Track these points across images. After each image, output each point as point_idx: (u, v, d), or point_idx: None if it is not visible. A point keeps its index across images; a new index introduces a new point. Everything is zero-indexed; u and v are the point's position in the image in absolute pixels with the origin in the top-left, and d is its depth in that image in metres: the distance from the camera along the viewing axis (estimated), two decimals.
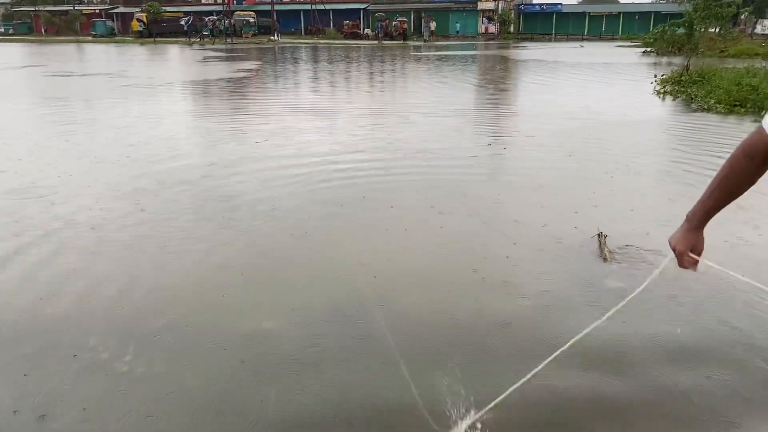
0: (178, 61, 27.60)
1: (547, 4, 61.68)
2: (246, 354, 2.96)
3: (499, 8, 55.94)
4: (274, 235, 4.56)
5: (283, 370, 2.83)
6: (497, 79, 18.71)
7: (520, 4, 61.68)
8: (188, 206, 5.26)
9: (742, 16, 33.96)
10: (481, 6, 58.01)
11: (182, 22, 48.82)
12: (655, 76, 15.65)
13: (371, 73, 21.07)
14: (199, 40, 45.19)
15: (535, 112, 10.82)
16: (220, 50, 34.63)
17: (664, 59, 26.84)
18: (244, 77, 18.07)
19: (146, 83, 16.20)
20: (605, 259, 4.08)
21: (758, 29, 44.13)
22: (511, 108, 11.95)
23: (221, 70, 20.74)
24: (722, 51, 26.25)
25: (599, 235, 4.40)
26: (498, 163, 6.98)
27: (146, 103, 12.37)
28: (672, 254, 1.84)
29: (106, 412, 2.54)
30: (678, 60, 26.12)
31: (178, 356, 2.96)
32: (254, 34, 50.71)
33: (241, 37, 48.56)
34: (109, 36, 53.53)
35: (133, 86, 15.42)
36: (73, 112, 11.19)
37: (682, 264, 1.83)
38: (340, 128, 9.27)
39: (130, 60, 27.93)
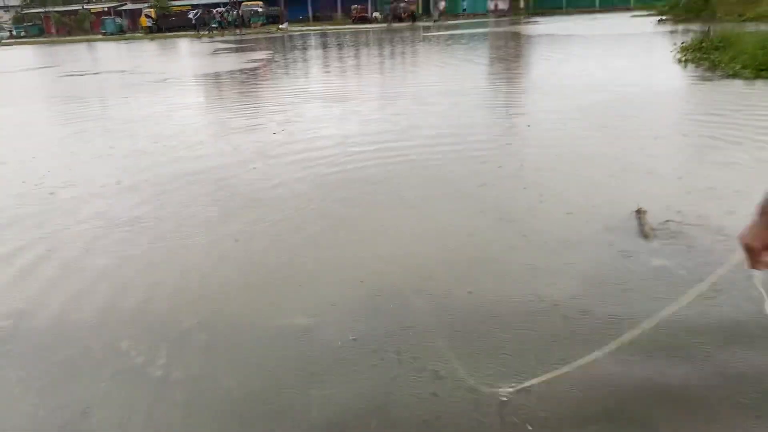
0: (188, 54, 27.55)
1: None
2: (283, 351, 2.86)
3: None
4: (301, 226, 4.45)
5: (323, 367, 2.72)
6: (515, 55, 18.38)
7: None
8: (209, 200, 5.17)
9: None
10: None
11: (190, 16, 48.83)
12: (675, 44, 15.24)
13: (384, 56, 20.84)
14: (208, 32, 45.14)
15: (557, 86, 10.57)
16: (230, 42, 34.54)
17: (681, 27, 26.22)
18: (256, 68, 17.94)
19: (159, 78, 16.15)
20: (646, 236, 3.92)
21: None
22: (533, 84, 11.67)
23: (232, 61, 20.63)
24: (741, 15, 25.51)
25: (638, 212, 4.24)
26: (525, 140, 6.77)
27: (160, 98, 12.30)
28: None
29: (143, 419, 2.45)
30: (695, 27, 25.49)
31: (214, 356, 2.86)
32: (263, 24, 50.55)
33: (250, 27, 48.45)
34: (119, 33, 53.72)
35: (146, 82, 15.38)
36: (89, 109, 11.15)
37: (755, 265, 1.57)
38: (360, 113, 9.11)
39: (141, 56, 27.93)
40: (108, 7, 63.51)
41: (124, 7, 62.28)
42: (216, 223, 4.62)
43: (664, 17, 31.11)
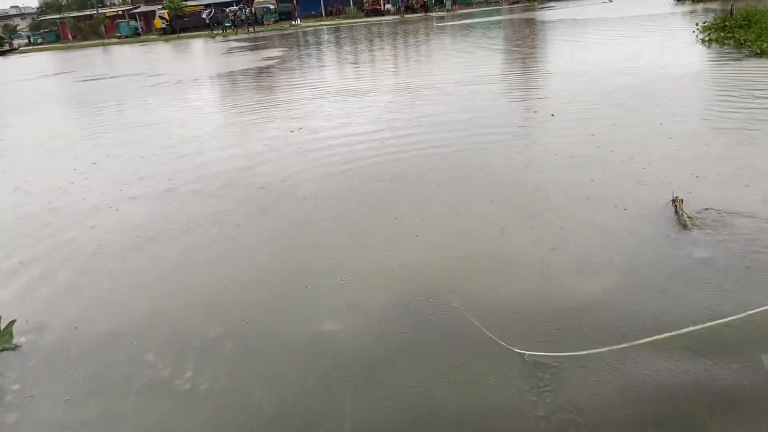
0: (203, 55, 27.59)
1: None
2: (313, 361, 2.76)
3: None
4: (325, 229, 4.34)
5: (356, 376, 2.62)
6: (533, 42, 18.10)
7: None
8: (230, 203, 5.08)
9: None
10: None
11: (204, 16, 48.91)
12: (697, 24, 14.87)
13: (400, 47, 20.66)
14: (222, 32, 45.21)
15: (584, 72, 10.30)
16: (244, 40, 34.56)
17: (700, 6, 25.67)
18: (271, 65, 17.87)
19: (175, 80, 16.14)
20: (685, 226, 3.76)
21: None
22: (555, 69, 11.38)
23: (247, 60, 20.59)
24: None
25: (674, 200, 4.07)
26: (549, 130, 6.57)
27: (177, 100, 12.26)
28: None
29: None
30: (715, 6, 24.96)
31: (241, 367, 2.77)
32: (276, 21, 50.54)
33: (263, 24, 48.48)
34: (134, 36, 54.08)
35: (163, 84, 15.37)
36: (107, 113, 11.14)
37: None
38: (380, 107, 8.95)
39: (156, 58, 28.04)
40: (122, 11, 63.92)
41: (138, 10, 62.58)
42: (236, 226, 4.53)
43: None
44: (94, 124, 10.02)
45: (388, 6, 54.40)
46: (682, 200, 4.02)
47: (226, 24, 46.18)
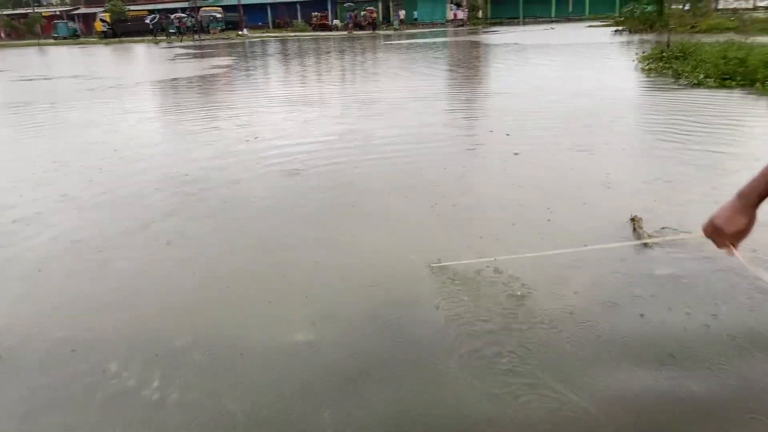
0: (148, 60, 26.94)
1: None
2: (287, 371, 2.69)
3: None
4: (288, 237, 4.28)
5: (332, 386, 2.57)
6: (482, 65, 18.52)
7: None
8: (186, 211, 4.94)
9: None
10: None
11: (148, 21, 47.90)
12: (636, 54, 15.58)
13: (350, 63, 20.74)
14: (166, 38, 44.33)
15: (527, 96, 10.58)
16: (190, 47, 33.96)
17: (636, 37, 26.92)
18: (220, 74, 17.61)
19: (119, 84, 15.67)
20: (646, 244, 3.89)
21: (721, 4, 44.51)
22: (501, 93, 11.65)
23: (195, 67, 20.24)
24: (693, 27, 26.35)
25: (633, 219, 4.21)
26: (500, 150, 6.70)
27: (123, 105, 11.89)
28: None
29: None
30: (650, 37, 26.24)
31: (213, 378, 2.67)
32: (222, 30, 50.00)
33: (209, 33, 47.83)
34: (73, 37, 52.30)
35: (104, 88, 14.89)
36: (40, 116, 10.68)
37: (722, 246, 1.68)
38: (332, 118, 8.95)
39: (96, 61, 27.23)
40: (60, 11, 61.83)
41: (77, 11, 60.70)
42: (194, 235, 4.41)
43: (619, 28, 31.94)
44: (25, 128, 9.59)
45: (336, 22, 54.76)
46: (640, 219, 4.16)
47: (171, 31, 45.34)
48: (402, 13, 50.10)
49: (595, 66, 15.98)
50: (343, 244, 4.09)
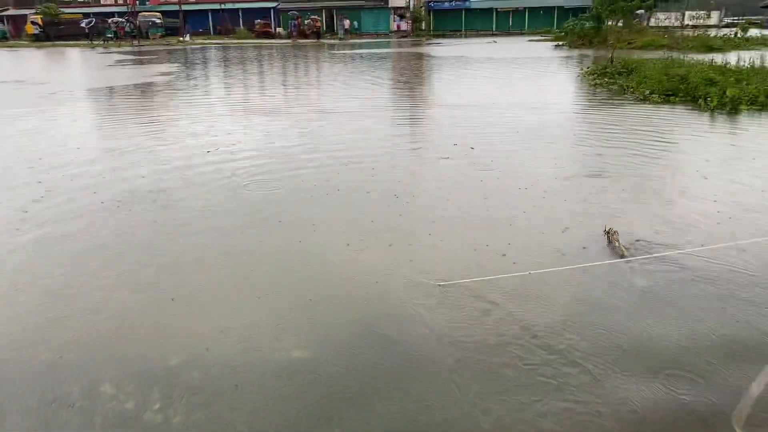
0: (85, 65, 25.97)
1: (456, 0, 62.81)
2: (289, 389, 2.63)
3: (411, 5, 56.45)
4: (267, 250, 4.19)
5: (336, 404, 2.52)
6: (434, 77, 18.72)
7: (430, 2, 62.47)
8: (150, 227, 4.77)
9: (641, 11, 35.90)
10: (392, 3, 58.36)
11: (83, 25, 46.21)
12: (581, 69, 16.11)
13: (299, 72, 20.58)
14: (103, 42, 42.90)
15: (484, 110, 10.69)
16: (128, 53, 32.97)
17: (576, 52, 27.84)
18: (164, 81, 17.14)
19: (59, 90, 15.03)
20: (622, 256, 3.99)
21: (652, 22, 46.57)
22: (458, 106, 11.78)
23: (137, 74, 19.65)
24: (630, 43, 27.46)
25: (607, 232, 4.32)
26: (459, 163, 6.77)
27: (65, 115, 11.40)
28: None
29: None
30: (589, 52, 27.21)
31: (213, 398, 2.58)
32: (162, 36, 48.76)
33: (148, 38, 46.56)
34: (1, 40, 49.95)
35: (43, 95, 14.26)
36: None
37: None
38: (292, 127, 8.84)
39: (29, 65, 26.08)
40: None
41: (6, 13, 58.01)
42: (165, 250, 4.26)
43: (560, 43, 32.96)
44: None
45: (279, 29, 54.32)
46: (616, 231, 4.27)
47: (108, 35, 43.93)
48: (347, 23, 50.18)
49: (544, 80, 16.39)
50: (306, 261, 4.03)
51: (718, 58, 15.24)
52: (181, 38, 45.38)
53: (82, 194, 5.56)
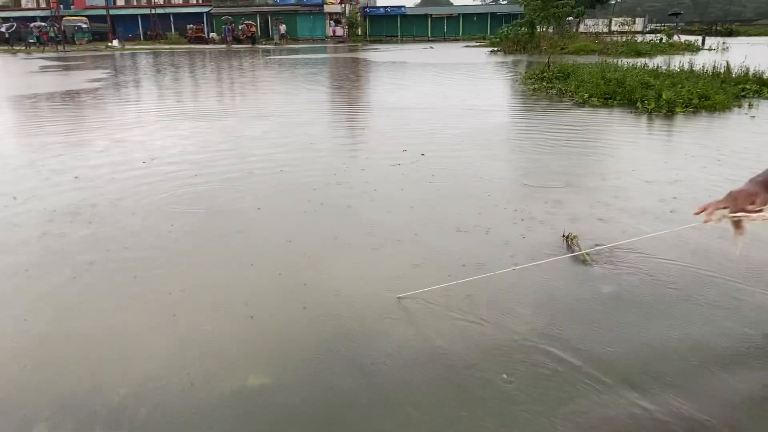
0: (7, 72, 24.62)
1: (392, 6, 63.33)
2: (253, 423, 2.39)
3: (346, 11, 56.45)
4: (218, 266, 3.92)
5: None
6: (374, 82, 18.61)
7: (365, 7, 62.73)
8: (91, 245, 4.42)
9: (570, 17, 37.10)
10: (327, 9, 58.25)
11: (3, 29, 44.00)
12: (519, 74, 16.35)
13: (236, 78, 20.10)
14: (25, 48, 40.93)
15: (428, 114, 10.61)
16: (54, 59, 31.53)
17: (511, 57, 28.37)
18: (96, 88, 16.39)
19: None
20: (584, 261, 3.93)
21: (581, 27, 48.16)
22: (399, 109, 11.68)
23: (66, 81, 18.73)
24: (562, 48, 28.22)
25: (567, 237, 4.25)
26: (408, 169, 6.64)
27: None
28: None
29: None
30: (523, 57, 27.79)
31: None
32: (88, 41, 46.99)
33: (74, 44, 44.76)
34: None
35: None
36: None
37: (736, 210, 2.28)
38: (236, 134, 8.51)
39: None
40: None
41: None
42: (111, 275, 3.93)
43: (495, 48, 33.55)
44: None
45: (212, 35, 53.27)
46: (575, 237, 4.21)
47: (31, 41, 41.95)
48: (283, 28, 49.68)
49: (485, 84, 16.55)
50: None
51: (646, 61, 15.78)
52: (110, 44, 43.78)
53: None
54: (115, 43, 43.75)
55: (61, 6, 48.95)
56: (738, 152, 6.96)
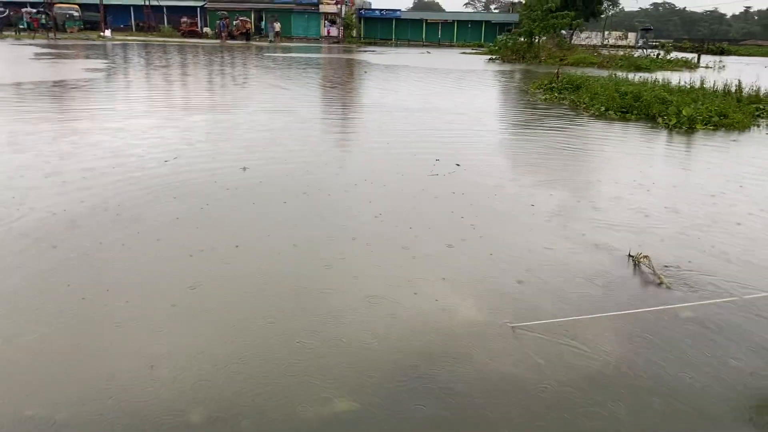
0: (7, 60, 24.06)
1: (387, 9, 63.21)
2: None
3: (342, 12, 56.17)
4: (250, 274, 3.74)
5: None
6: (383, 86, 18.45)
7: (361, 9, 62.48)
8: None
9: (564, 30, 37.24)
10: (323, 9, 57.91)
11: None
12: (529, 84, 16.29)
13: (239, 76, 19.81)
14: (15, 34, 40.14)
15: (450, 128, 10.47)
16: (46, 46, 30.91)
17: (510, 66, 28.34)
18: (100, 78, 16.04)
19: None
20: (660, 283, 3.81)
21: (574, 40, 48.36)
22: (425, 120, 11.52)
23: (68, 69, 18.34)
24: (561, 59, 28.24)
25: (634, 257, 4.12)
26: (451, 181, 6.50)
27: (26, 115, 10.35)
28: None
29: None
30: (523, 67, 27.79)
31: None
32: (80, 29, 46.22)
33: (65, 32, 43.99)
34: None
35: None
36: None
37: None
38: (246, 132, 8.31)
39: None
40: None
41: None
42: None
43: (493, 56, 33.52)
44: None
45: (206, 29, 52.71)
46: (647, 257, 4.07)
47: (21, 27, 41.17)
48: (277, 26, 49.15)
49: (496, 94, 16.50)
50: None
51: (648, 76, 15.83)
52: (102, 33, 43.09)
53: None
54: (108, 33, 43.05)
55: None
56: None
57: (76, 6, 48.71)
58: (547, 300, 3.49)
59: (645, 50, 37.88)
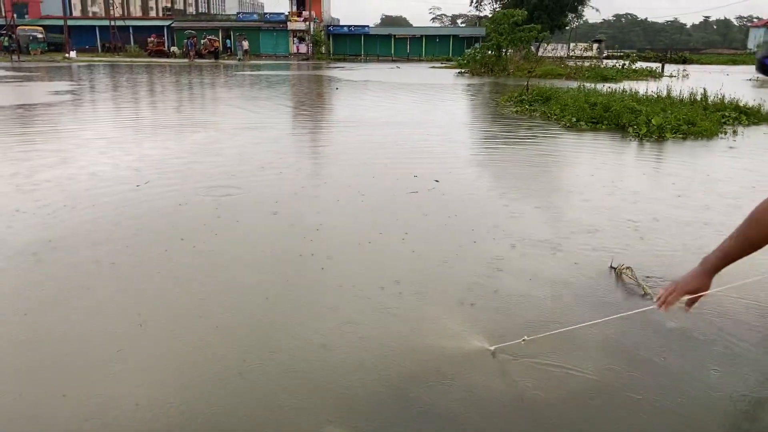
0: None
1: (355, 26, 63.66)
2: None
3: (311, 29, 56.37)
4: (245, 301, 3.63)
5: None
6: (357, 102, 18.43)
7: (329, 26, 62.82)
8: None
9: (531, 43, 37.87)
10: (291, 26, 58.07)
11: None
12: (499, 96, 16.42)
13: (208, 96, 19.64)
14: None
15: (426, 141, 10.48)
16: (10, 69, 30.38)
17: (479, 79, 28.63)
18: (66, 100, 15.74)
19: None
20: (645, 293, 3.78)
21: (541, 52, 49.14)
22: (402, 134, 11.49)
23: (32, 92, 17.99)
24: (529, 72, 28.62)
25: (615, 268, 4.09)
26: (426, 198, 6.44)
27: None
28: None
29: None
30: (492, 80, 28.08)
31: None
32: (43, 51, 45.58)
33: (29, 54, 43.33)
34: None
35: None
36: None
37: (674, 300, 2.06)
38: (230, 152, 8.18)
39: None
40: None
41: None
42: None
43: (462, 70, 33.86)
44: None
45: (173, 49, 52.42)
46: (629, 268, 4.04)
47: None
48: (246, 44, 49.10)
49: (466, 106, 16.60)
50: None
51: (614, 86, 16.10)
52: (67, 55, 42.53)
53: None
54: (73, 54, 42.50)
55: (15, 15, 47.34)
56: None
57: (40, 28, 48.14)
58: (531, 315, 3.43)
59: (600, 60, 39.59)
